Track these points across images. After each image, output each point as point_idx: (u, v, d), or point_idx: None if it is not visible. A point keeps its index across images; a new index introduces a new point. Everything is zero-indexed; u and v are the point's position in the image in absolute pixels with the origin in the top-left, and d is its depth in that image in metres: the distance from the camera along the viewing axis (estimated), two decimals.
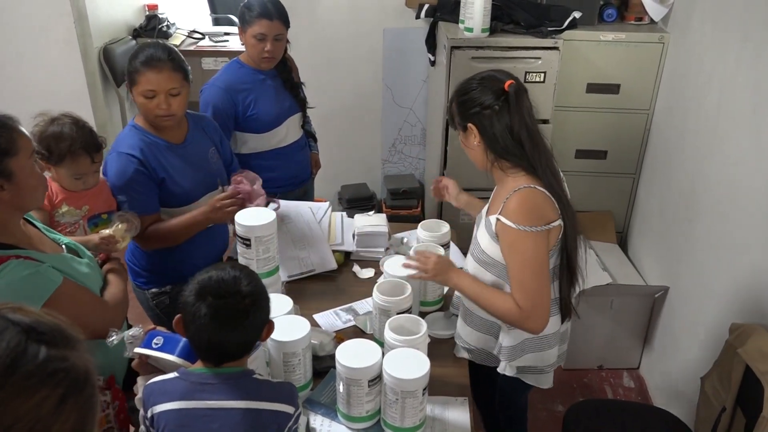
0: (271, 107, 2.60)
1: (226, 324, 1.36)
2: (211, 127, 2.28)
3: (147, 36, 4.21)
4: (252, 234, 1.82)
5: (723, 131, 2.43)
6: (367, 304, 2.14)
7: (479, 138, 1.73)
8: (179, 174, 2.09)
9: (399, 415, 1.59)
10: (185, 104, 2.06)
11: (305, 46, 3.63)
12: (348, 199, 3.88)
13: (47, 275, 1.51)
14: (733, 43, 2.38)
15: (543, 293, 1.70)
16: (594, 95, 3.13)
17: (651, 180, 3.15)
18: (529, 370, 1.87)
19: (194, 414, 1.36)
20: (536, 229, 1.65)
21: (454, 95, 1.79)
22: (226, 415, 1.36)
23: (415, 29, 3.58)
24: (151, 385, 1.41)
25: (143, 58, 1.95)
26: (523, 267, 1.68)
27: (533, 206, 1.67)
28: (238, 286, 1.37)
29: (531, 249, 1.67)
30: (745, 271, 2.22)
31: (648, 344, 3.09)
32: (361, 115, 3.92)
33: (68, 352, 0.76)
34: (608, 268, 3.05)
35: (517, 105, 1.69)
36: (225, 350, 1.39)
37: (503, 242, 1.71)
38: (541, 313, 1.70)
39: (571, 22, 3.02)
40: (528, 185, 1.69)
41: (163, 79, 1.95)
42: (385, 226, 2.41)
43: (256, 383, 1.41)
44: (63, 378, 0.73)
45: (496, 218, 1.70)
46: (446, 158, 3.19)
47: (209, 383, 1.38)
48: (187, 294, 1.38)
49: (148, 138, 2.05)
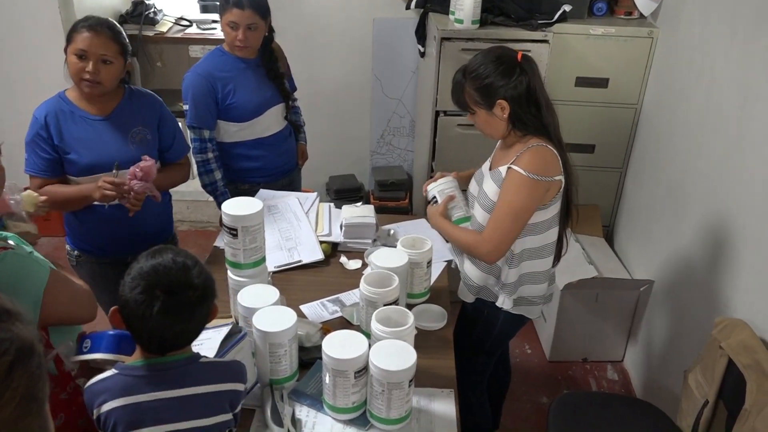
0: (251, 96, 2.57)
1: (180, 318, 1.33)
2: (150, 107, 2.23)
3: (133, 22, 4.15)
4: (239, 224, 1.80)
5: (711, 126, 2.44)
6: (354, 296, 2.13)
7: (509, 110, 1.87)
8: (82, 145, 2.10)
9: (385, 407, 1.59)
10: (114, 77, 2.08)
11: (294, 35, 3.60)
12: (336, 190, 3.87)
13: (39, 262, 1.50)
14: (722, 39, 2.39)
15: (508, 233, 1.89)
16: (583, 89, 3.13)
17: (638, 174, 3.16)
18: (521, 302, 2.05)
19: (145, 407, 1.33)
20: (539, 178, 1.84)
21: (471, 79, 1.89)
22: (179, 403, 1.35)
23: (406, 20, 3.56)
24: (90, 387, 1.36)
25: (84, 22, 2.04)
26: (507, 206, 1.87)
27: (543, 160, 1.86)
28: (190, 278, 1.33)
29: (524, 196, 1.86)
30: (731, 265, 2.24)
31: (632, 337, 3.11)
32: (350, 106, 3.90)
33: (11, 325, 0.77)
34: (594, 261, 3.06)
35: (533, 71, 1.88)
36: (173, 342, 1.36)
37: (505, 183, 1.88)
38: (498, 246, 1.90)
39: (561, 16, 3.02)
40: (540, 143, 1.88)
41: (96, 43, 2.00)
42: (373, 218, 2.40)
43: (203, 367, 1.40)
44: (9, 347, 0.74)
45: (508, 167, 1.87)
46: (435, 150, 3.19)
47: (154, 375, 1.35)
48: (131, 289, 1.31)
49: (65, 106, 2.11)
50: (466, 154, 2.94)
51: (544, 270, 2.04)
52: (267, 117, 2.65)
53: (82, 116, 2.12)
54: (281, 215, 2.48)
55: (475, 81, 1.89)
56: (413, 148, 3.98)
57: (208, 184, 2.63)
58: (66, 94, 2.14)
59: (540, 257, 2.00)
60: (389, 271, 1.89)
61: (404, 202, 3.79)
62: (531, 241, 1.96)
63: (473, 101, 1.91)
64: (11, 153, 3.24)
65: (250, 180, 2.73)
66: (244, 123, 2.61)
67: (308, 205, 2.56)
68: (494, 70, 1.86)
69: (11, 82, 3.73)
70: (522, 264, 1.98)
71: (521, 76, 1.85)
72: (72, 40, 2.03)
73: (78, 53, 2.01)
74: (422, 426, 1.66)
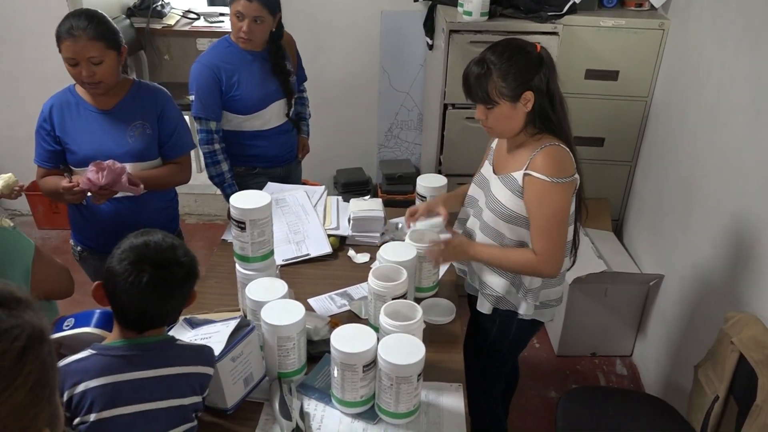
0: (254, 90, 2.56)
1: (164, 294, 1.38)
2: (153, 101, 2.19)
3: (141, 15, 4.15)
4: (247, 217, 1.80)
5: (722, 120, 2.41)
6: (361, 289, 2.13)
7: (533, 102, 1.79)
8: (81, 137, 2.11)
9: (393, 401, 1.58)
10: (112, 72, 2.06)
11: (302, 27, 3.59)
12: (343, 184, 3.87)
13: (25, 237, 1.61)
14: (733, 32, 2.36)
15: (562, 242, 1.84)
16: (592, 81, 3.11)
17: (648, 168, 3.14)
18: (538, 306, 1.98)
19: (123, 387, 1.36)
20: (565, 180, 1.78)
21: (499, 69, 1.76)
22: (156, 383, 1.39)
23: (414, 12, 3.54)
24: (64, 368, 1.35)
25: (63, 27, 2.00)
26: (550, 217, 1.80)
27: (560, 160, 1.79)
28: (177, 256, 1.39)
29: (559, 200, 1.79)
30: (741, 260, 2.22)
31: (641, 332, 3.09)
32: (358, 99, 3.88)
33: (22, 312, 0.78)
34: (603, 255, 3.05)
35: (551, 64, 1.81)
36: (154, 319, 1.41)
37: (531, 194, 1.80)
38: (558, 259, 1.84)
39: (570, 7, 2.99)
40: (552, 143, 1.80)
41: (80, 48, 1.97)
42: (381, 211, 2.39)
43: (179, 349, 1.46)
44: (20, 333, 0.75)
45: (524, 174, 1.79)
46: (443, 143, 3.17)
47: (134, 354, 1.39)
48: (120, 260, 1.35)
49: (71, 98, 2.13)
50: (474, 147, 2.91)
51: (563, 270, 1.97)
52: (269, 111, 2.63)
53: (86, 109, 2.12)
54: (289, 208, 2.47)
55: (502, 70, 1.77)
56: (421, 141, 3.96)
57: (215, 175, 2.63)
58: (75, 87, 2.14)
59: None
60: (398, 264, 1.88)
61: (412, 195, 3.76)
62: None
63: (498, 93, 1.78)
64: (19, 145, 3.29)
65: (244, 164, 2.72)
66: (246, 116, 2.60)
67: (316, 198, 2.55)
68: (521, 59, 1.77)
69: (19, 76, 3.74)
70: None
71: (544, 68, 1.78)
72: (59, 47, 2.00)
73: (68, 61, 2.00)
74: (430, 420, 1.65)
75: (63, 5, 3.47)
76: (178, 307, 1.45)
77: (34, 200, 3.92)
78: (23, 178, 2.39)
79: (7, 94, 3.79)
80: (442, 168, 3.20)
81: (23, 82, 3.73)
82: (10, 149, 3.75)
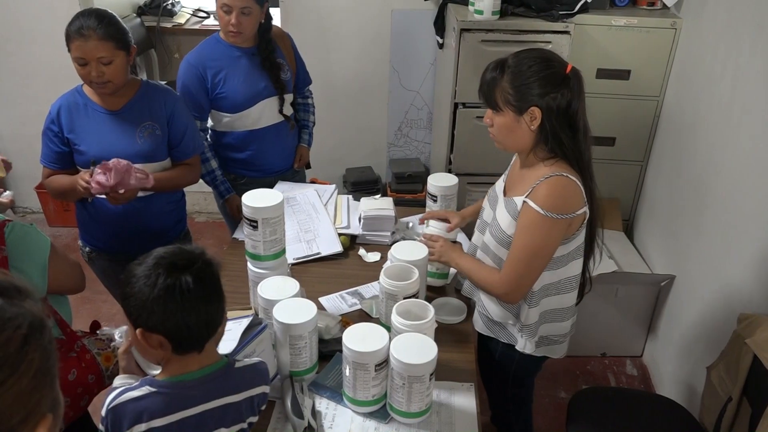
0: (241, 87, 2.51)
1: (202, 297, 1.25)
2: (162, 103, 2.18)
3: (152, 14, 4.16)
4: (259, 215, 1.80)
5: (735, 120, 2.40)
6: (372, 288, 2.12)
7: (539, 122, 1.67)
8: (90, 138, 2.11)
9: (405, 400, 1.58)
10: (121, 72, 2.05)
11: (312, 26, 3.59)
12: (353, 182, 3.86)
13: (41, 233, 1.65)
14: (747, 31, 2.34)
15: (530, 275, 1.76)
16: (604, 81, 3.09)
17: (659, 168, 3.12)
18: (543, 342, 1.91)
19: (189, 422, 1.32)
20: (559, 216, 1.67)
21: (511, 74, 1.68)
22: (220, 411, 1.35)
23: (424, 11, 3.54)
24: (119, 407, 1.28)
25: (73, 26, 1.99)
26: (527, 248, 1.72)
27: (562, 194, 1.68)
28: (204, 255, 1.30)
29: (544, 236, 1.70)
30: (754, 260, 2.20)
31: (652, 333, 3.08)
32: (368, 98, 3.88)
33: (22, 301, 0.81)
34: (614, 255, 3.03)
35: (579, 90, 1.67)
36: (200, 330, 1.28)
37: (521, 220, 1.72)
38: (519, 289, 1.78)
39: (582, 6, 2.98)
40: (560, 173, 1.69)
41: (90, 48, 1.97)
42: (392, 210, 2.39)
43: (239, 373, 1.39)
44: (22, 322, 0.77)
45: (523, 201, 1.71)
46: (453, 142, 3.16)
47: (195, 389, 1.32)
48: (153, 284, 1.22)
49: (79, 99, 2.13)
50: (484, 146, 2.91)
51: (568, 306, 1.88)
52: (258, 109, 2.58)
53: (94, 109, 2.12)
54: (300, 207, 2.47)
55: (514, 77, 1.66)
56: (431, 140, 3.96)
57: (205, 173, 2.60)
58: (83, 87, 2.15)
59: (562, 292, 1.84)
60: (409, 264, 1.88)
61: (421, 194, 3.77)
62: (550, 276, 1.79)
63: (504, 99, 1.68)
64: (31, 143, 3.30)
65: (234, 171, 2.70)
66: (235, 114, 2.56)
67: (327, 197, 2.55)
68: (539, 72, 1.64)
69: (30, 74, 3.75)
70: (542, 301, 1.82)
71: (565, 89, 1.64)
72: (69, 47, 2.00)
73: (78, 61, 2.00)
74: (442, 420, 1.65)
75: (75, 4, 3.48)
76: (219, 312, 1.32)
77: (45, 198, 3.94)
78: (34, 176, 2.41)
79: (18, 93, 3.81)
80: (452, 167, 3.19)
81: (34, 80, 3.74)
82: (22, 147, 3.76)
